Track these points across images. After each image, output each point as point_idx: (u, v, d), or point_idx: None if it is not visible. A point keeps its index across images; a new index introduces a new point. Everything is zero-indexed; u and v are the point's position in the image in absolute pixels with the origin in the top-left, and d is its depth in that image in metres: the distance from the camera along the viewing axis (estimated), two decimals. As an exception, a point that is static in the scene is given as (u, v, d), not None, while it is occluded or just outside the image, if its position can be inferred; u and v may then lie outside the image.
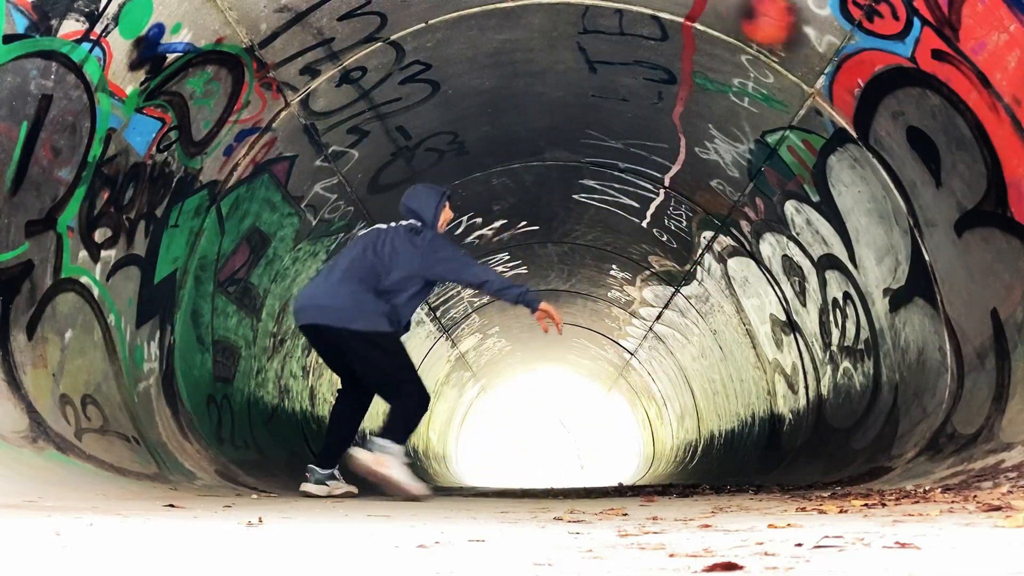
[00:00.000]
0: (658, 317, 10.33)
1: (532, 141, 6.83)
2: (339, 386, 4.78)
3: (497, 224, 8.51)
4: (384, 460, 4.12)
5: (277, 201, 5.70)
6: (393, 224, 4.58)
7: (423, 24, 4.93)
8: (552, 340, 14.05)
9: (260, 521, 2.21)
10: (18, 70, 3.30)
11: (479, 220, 8.30)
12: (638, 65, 5.40)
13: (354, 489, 4.48)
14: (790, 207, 5.73)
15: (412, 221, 4.55)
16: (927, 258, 4.35)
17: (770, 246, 6.41)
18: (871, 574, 1.20)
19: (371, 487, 4.32)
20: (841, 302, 5.66)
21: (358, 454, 4.17)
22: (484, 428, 21.10)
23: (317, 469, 4.47)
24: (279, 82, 4.81)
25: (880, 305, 5.07)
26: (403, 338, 4.65)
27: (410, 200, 4.61)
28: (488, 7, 4.90)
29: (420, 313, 9.82)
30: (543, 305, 4.47)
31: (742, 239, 6.82)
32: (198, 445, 4.92)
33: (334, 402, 4.80)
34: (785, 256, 6.25)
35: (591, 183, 7.63)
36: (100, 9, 3.49)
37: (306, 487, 4.40)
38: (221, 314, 5.57)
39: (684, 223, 7.58)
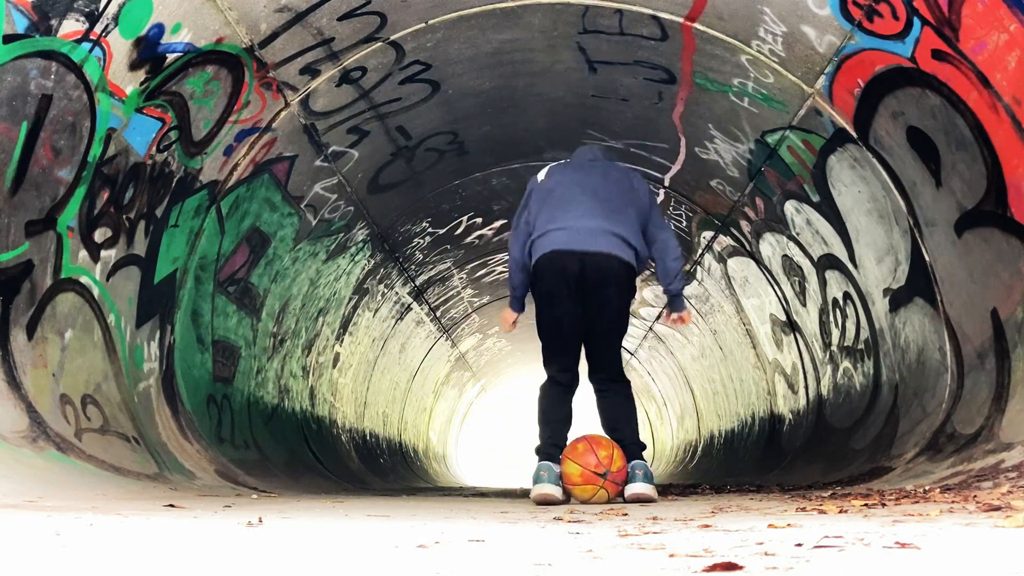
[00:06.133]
0: (658, 317, 10.34)
1: (532, 141, 6.83)
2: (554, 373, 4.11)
3: (497, 224, 8.51)
4: (656, 496, 3.82)
5: (277, 201, 5.70)
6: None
7: (423, 24, 4.93)
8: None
9: (260, 521, 2.21)
10: (18, 70, 3.30)
11: (479, 220, 8.30)
12: (638, 65, 5.40)
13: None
14: (790, 207, 5.73)
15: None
16: (927, 258, 4.35)
17: (770, 246, 6.41)
18: (871, 574, 1.20)
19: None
20: (841, 302, 5.66)
21: (647, 491, 3.75)
22: (484, 428, 21.09)
23: (553, 466, 3.84)
24: (279, 82, 4.82)
25: (880, 305, 5.07)
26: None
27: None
28: (488, 7, 4.90)
29: (420, 313, 9.82)
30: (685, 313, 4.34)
31: (742, 239, 6.82)
32: (198, 445, 4.92)
33: (552, 394, 4.11)
34: (785, 256, 6.25)
35: (591, 183, 7.62)
36: (100, 9, 3.49)
37: (546, 490, 3.75)
38: (221, 314, 5.57)
39: (684, 223, 7.58)
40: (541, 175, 4.32)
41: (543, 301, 4.13)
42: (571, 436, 4.11)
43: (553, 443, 3.98)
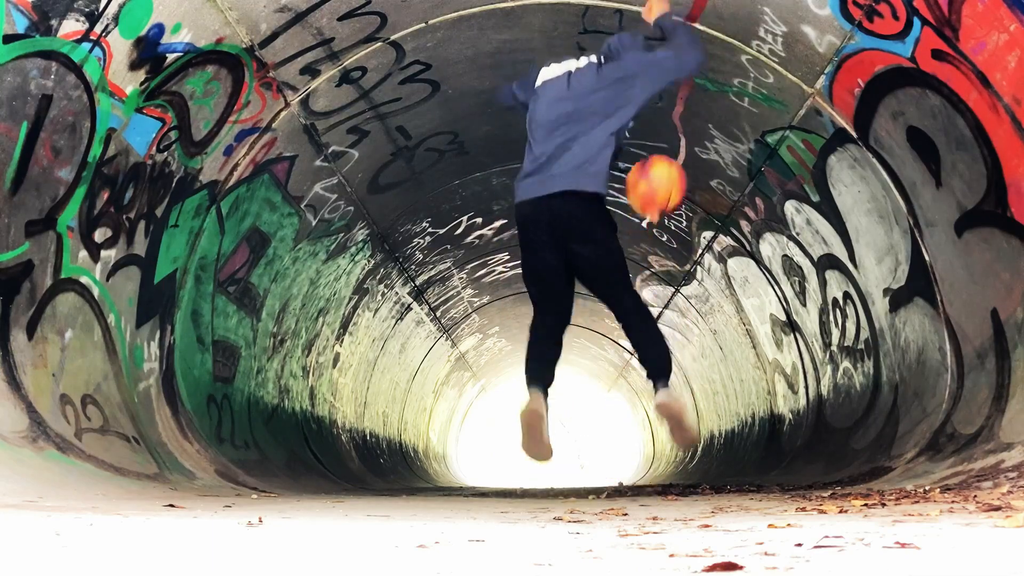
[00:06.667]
0: (658, 317, 10.33)
1: (532, 141, 6.82)
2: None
3: (497, 224, 8.51)
4: (679, 397, 3.87)
5: (277, 201, 5.70)
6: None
7: (423, 24, 4.93)
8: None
9: (260, 521, 2.21)
10: (18, 70, 3.30)
11: (479, 220, 8.30)
12: (638, 65, 5.39)
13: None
14: (790, 207, 5.73)
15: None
16: (927, 258, 4.35)
17: (770, 246, 6.41)
18: (871, 574, 1.20)
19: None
20: (841, 302, 5.66)
21: (664, 398, 3.81)
22: (484, 428, 21.08)
23: (540, 392, 3.93)
24: (279, 82, 4.82)
25: (880, 305, 5.07)
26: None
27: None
28: (488, 7, 4.90)
29: (420, 313, 9.82)
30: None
31: (742, 239, 6.82)
32: (198, 445, 4.92)
33: (537, 335, 4.12)
34: (785, 256, 6.25)
35: (591, 183, 7.62)
36: (100, 9, 3.49)
37: (534, 404, 3.83)
38: (221, 314, 5.57)
39: (684, 223, 7.57)
40: (541, 77, 4.22)
41: (525, 251, 4.11)
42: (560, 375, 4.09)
43: (541, 383, 3.95)
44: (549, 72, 4.20)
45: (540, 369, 3.97)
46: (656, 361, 3.95)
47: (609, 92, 3.99)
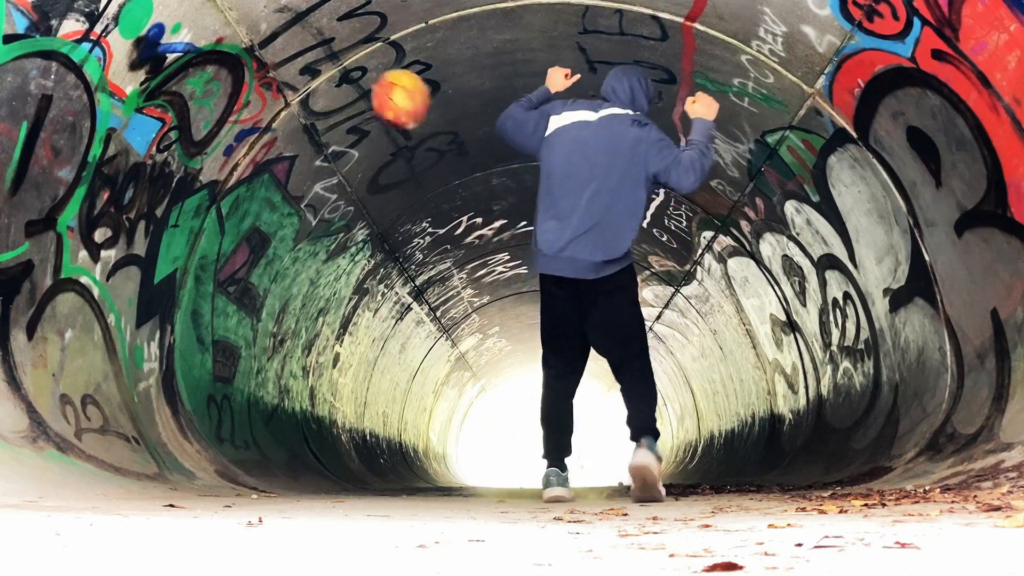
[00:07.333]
0: (658, 317, 10.34)
1: (532, 141, 6.82)
2: (552, 369, 4.29)
3: (497, 224, 8.51)
4: (657, 466, 3.84)
5: (277, 201, 5.70)
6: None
7: (423, 24, 4.93)
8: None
9: (260, 521, 2.21)
10: (18, 70, 3.30)
11: (479, 220, 8.30)
12: (638, 65, 5.40)
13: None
14: (790, 207, 5.73)
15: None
16: (927, 258, 4.35)
17: (770, 246, 6.41)
18: (871, 574, 1.20)
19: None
20: (841, 302, 5.66)
21: (645, 460, 3.83)
22: (484, 428, 21.09)
23: (559, 472, 4.07)
24: (279, 82, 4.82)
25: (880, 305, 5.07)
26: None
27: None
28: (488, 7, 4.90)
29: (420, 313, 9.82)
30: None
31: (742, 239, 6.82)
32: (198, 445, 4.92)
33: (551, 390, 4.30)
34: (785, 256, 6.25)
35: (591, 183, 7.61)
36: (100, 9, 3.49)
37: (555, 492, 3.99)
38: (221, 314, 5.57)
39: (684, 223, 7.58)
40: (551, 124, 4.18)
41: (546, 312, 4.30)
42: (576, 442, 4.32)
43: (558, 455, 4.18)
44: (568, 116, 4.15)
45: (560, 445, 4.20)
46: (642, 423, 4.01)
47: (631, 154, 4.01)
